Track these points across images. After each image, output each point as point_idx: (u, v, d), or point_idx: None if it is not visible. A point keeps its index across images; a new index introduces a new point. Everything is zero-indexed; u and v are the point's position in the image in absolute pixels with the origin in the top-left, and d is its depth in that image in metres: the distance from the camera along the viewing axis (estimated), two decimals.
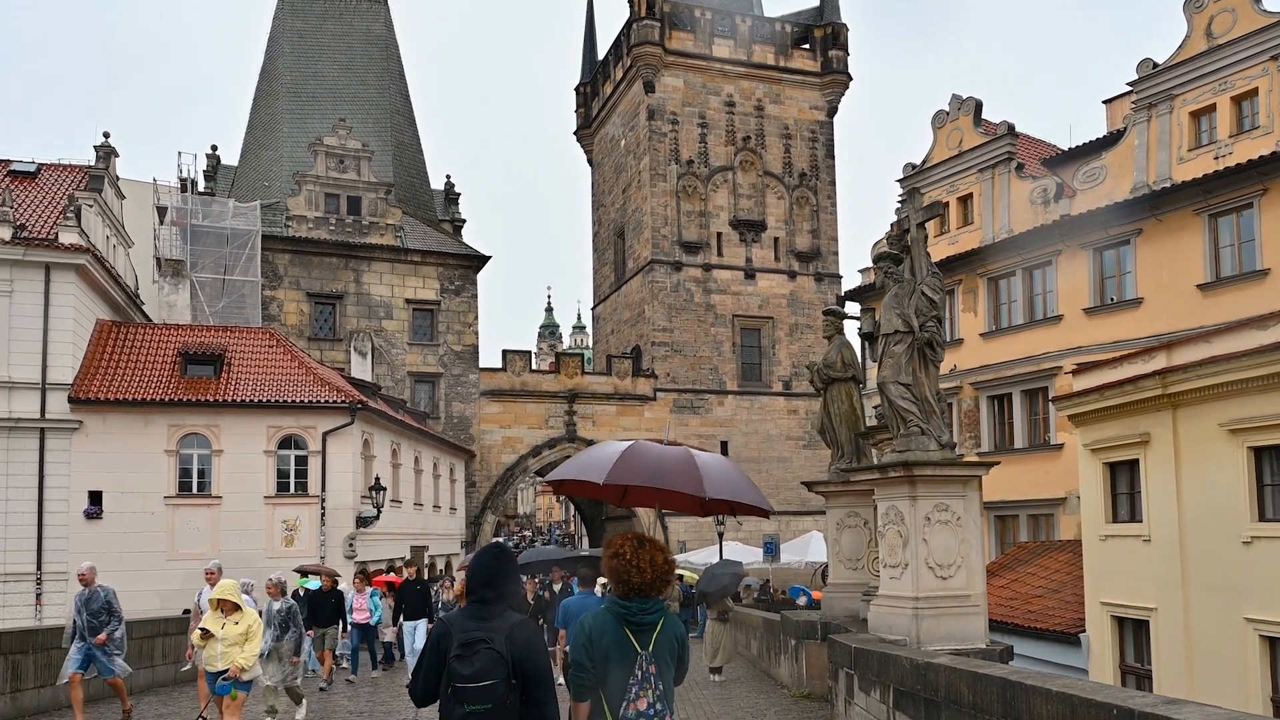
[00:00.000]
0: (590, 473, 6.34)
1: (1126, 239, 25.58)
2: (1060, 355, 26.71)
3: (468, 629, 4.76)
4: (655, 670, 4.78)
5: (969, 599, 10.91)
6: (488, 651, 4.64)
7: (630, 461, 6.14)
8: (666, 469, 6.12)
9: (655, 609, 4.86)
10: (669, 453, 6.31)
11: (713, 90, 48.48)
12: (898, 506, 11.02)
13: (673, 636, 4.90)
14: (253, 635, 10.50)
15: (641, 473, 6.14)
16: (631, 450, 6.22)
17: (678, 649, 4.96)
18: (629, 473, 6.11)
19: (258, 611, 11.83)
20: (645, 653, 4.75)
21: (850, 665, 10.60)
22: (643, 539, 4.97)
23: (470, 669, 4.61)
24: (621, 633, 4.76)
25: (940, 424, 11.31)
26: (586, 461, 6.59)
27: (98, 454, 25.15)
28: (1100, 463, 17.73)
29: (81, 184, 27.66)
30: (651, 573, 4.85)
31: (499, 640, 4.68)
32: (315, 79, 45.28)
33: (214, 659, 10.52)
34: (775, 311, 48.26)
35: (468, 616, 4.87)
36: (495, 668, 4.61)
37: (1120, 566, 17.19)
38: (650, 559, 4.86)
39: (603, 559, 4.97)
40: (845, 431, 14.44)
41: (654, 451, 6.29)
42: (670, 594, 31.42)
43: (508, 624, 4.78)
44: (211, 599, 10.74)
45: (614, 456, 6.19)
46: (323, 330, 40.33)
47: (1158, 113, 25.60)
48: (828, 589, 15.00)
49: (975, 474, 11.19)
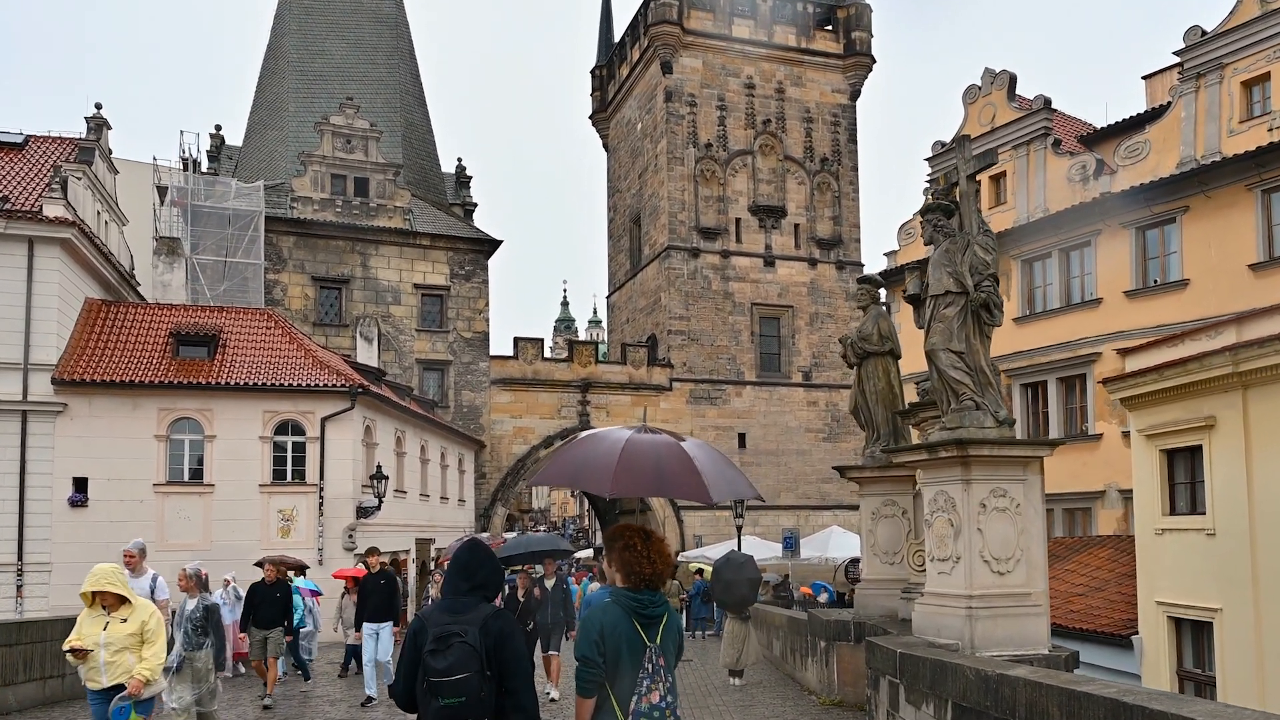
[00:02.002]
0: (591, 483, 6.07)
1: (1172, 217, 24.33)
2: (1099, 341, 25.47)
3: (442, 623, 4.79)
4: (664, 663, 4.77)
5: (1029, 597, 9.51)
6: (461, 645, 4.68)
7: (630, 468, 5.78)
8: (668, 473, 5.83)
9: (661, 601, 4.86)
10: (664, 452, 5.93)
11: (732, 72, 47.08)
12: (948, 491, 9.61)
13: (675, 628, 4.94)
14: (152, 636, 7.81)
15: (645, 482, 5.90)
16: (628, 454, 5.84)
17: (679, 641, 5.00)
18: (633, 482, 5.84)
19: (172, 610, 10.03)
20: (654, 645, 4.75)
21: (895, 673, 9.19)
22: (648, 532, 5.00)
23: (444, 663, 4.66)
24: (632, 626, 4.72)
25: (997, 397, 9.90)
26: (581, 465, 6.17)
27: (83, 438, 23.82)
28: (1157, 450, 16.24)
29: (70, 156, 26.36)
30: (661, 564, 4.88)
31: (473, 633, 4.72)
32: (323, 57, 43.98)
33: (97, 672, 7.70)
34: (795, 300, 46.85)
35: (442, 610, 4.91)
36: (469, 661, 4.66)
37: (1179, 563, 15.71)
38: (659, 550, 4.92)
39: (612, 552, 4.92)
40: (882, 411, 13.03)
41: (650, 453, 5.90)
42: (671, 589, 30.36)
43: (482, 616, 4.82)
44: (85, 591, 7.80)
45: (612, 461, 5.79)
46: (328, 315, 39.02)
47: (1207, 83, 24.26)
48: (861, 585, 13.58)
49: (1037, 454, 9.77)
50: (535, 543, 17.52)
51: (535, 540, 18.25)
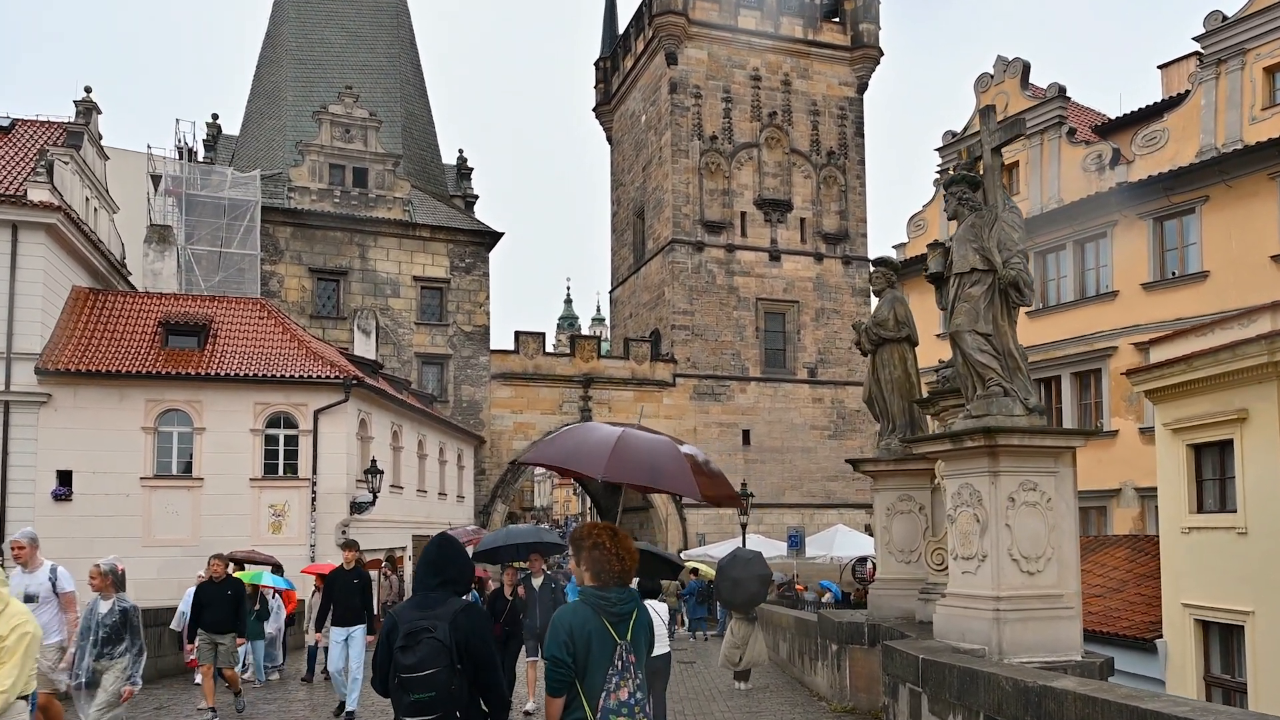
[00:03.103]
0: (584, 464, 5.98)
1: (1191, 207, 23.66)
2: (1115, 335, 24.82)
3: (412, 619, 4.84)
4: (634, 660, 4.73)
5: (1061, 599, 8.79)
6: (430, 641, 4.75)
7: (624, 456, 5.79)
8: (661, 467, 5.84)
9: (630, 597, 4.83)
10: (659, 447, 5.98)
11: (738, 63, 46.40)
12: (973, 484, 8.87)
13: (645, 624, 4.89)
14: (9, 649, 6.01)
15: (639, 471, 5.84)
16: (623, 442, 5.85)
17: (649, 637, 4.95)
18: (625, 469, 5.78)
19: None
20: (624, 642, 4.71)
21: (916, 681, 8.46)
22: (615, 530, 4.94)
23: (412, 659, 4.73)
24: (601, 624, 4.69)
25: (1026, 383, 9.18)
26: (575, 448, 6.18)
27: (67, 430, 23.05)
28: (1183, 444, 15.49)
29: (59, 141, 25.62)
30: (629, 560, 4.84)
31: (442, 629, 4.78)
32: (322, 46, 43.25)
33: None
34: (801, 295, 46.17)
35: (413, 606, 4.96)
36: (437, 656, 4.74)
37: (1207, 563, 14.97)
38: (626, 548, 4.87)
39: (580, 551, 4.85)
40: (897, 401, 12.27)
41: (645, 445, 5.94)
42: (668, 589, 29.46)
43: (451, 611, 4.87)
44: None
45: (607, 446, 5.81)
46: (326, 308, 38.30)
47: (1228, 69, 23.53)
48: (875, 585, 12.82)
49: (1070, 445, 9.05)
50: (517, 534, 15.25)
51: (517, 532, 15.71)
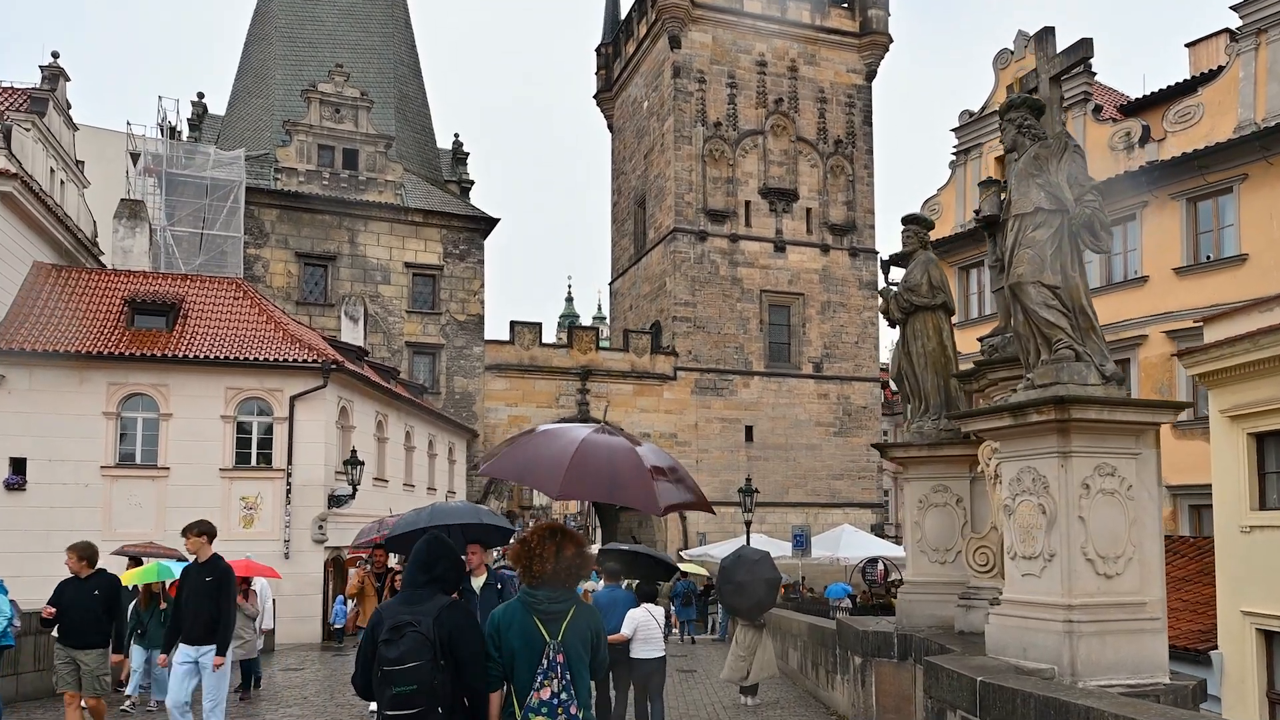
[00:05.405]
0: (540, 479, 5.92)
1: (1228, 186, 22.24)
2: (1145, 322, 23.39)
3: (398, 614, 4.87)
4: (563, 660, 4.73)
5: (1144, 608, 7.17)
6: (414, 634, 4.73)
7: (583, 468, 5.60)
8: (621, 479, 5.68)
9: (564, 598, 4.85)
10: (619, 456, 5.78)
11: (744, 48, 44.90)
12: (1038, 468, 7.27)
13: (586, 627, 4.88)
14: None
15: (597, 485, 5.76)
16: (581, 454, 5.64)
17: (592, 639, 4.93)
18: (583, 484, 5.70)
19: None
20: (553, 642, 4.73)
21: (971, 708, 6.85)
22: (557, 530, 4.94)
23: (396, 652, 4.72)
24: (530, 622, 4.76)
25: (1101, 346, 7.63)
26: (531, 460, 5.96)
27: (22, 414, 21.53)
28: (1243, 433, 13.92)
29: (22, 107, 24.08)
30: (555, 563, 4.82)
31: (426, 623, 4.77)
32: (312, 23, 41.70)
33: None
34: (806, 287, 44.67)
35: (400, 602, 5.00)
36: (420, 650, 4.71)
37: (1272, 566, 13.40)
38: (557, 549, 4.87)
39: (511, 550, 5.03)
40: (931, 377, 10.63)
41: (604, 455, 5.74)
42: (664, 591, 27.87)
43: (437, 607, 4.88)
44: None
45: (564, 459, 5.60)
46: (313, 294, 36.71)
47: (1269, 39, 22.00)
48: (905, 589, 11.21)
49: (1156, 420, 7.44)
50: (445, 514, 9.90)
51: (446, 511, 10.23)
